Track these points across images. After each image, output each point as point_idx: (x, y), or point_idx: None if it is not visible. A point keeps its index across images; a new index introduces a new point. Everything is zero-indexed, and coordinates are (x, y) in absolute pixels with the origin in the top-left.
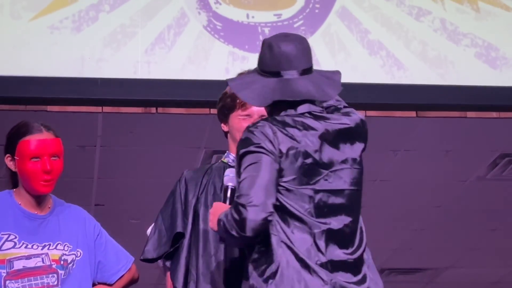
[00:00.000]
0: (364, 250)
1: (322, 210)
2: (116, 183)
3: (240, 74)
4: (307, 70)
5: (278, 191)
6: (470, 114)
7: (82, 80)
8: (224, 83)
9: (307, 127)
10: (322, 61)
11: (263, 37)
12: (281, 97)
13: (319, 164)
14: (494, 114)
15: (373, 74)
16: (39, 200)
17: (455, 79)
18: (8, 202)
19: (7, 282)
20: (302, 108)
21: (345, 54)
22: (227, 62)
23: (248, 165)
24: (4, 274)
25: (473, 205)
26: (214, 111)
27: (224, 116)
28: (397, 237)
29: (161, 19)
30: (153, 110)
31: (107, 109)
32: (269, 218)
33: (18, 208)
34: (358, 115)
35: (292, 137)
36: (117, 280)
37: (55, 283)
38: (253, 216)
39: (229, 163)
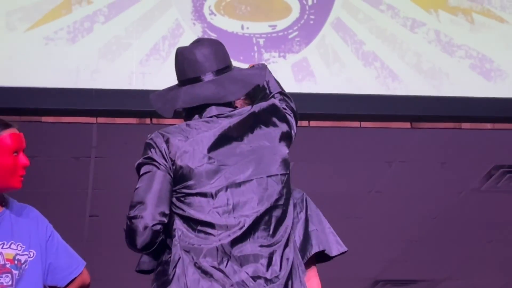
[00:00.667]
0: (284, 243)
1: (226, 207)
2: (111, 195)
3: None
4: (220, 71)
5: (178, 198)
6: (465, 125)
7: (77, 91)
8: None
9: (205, 130)
10: (316, 72)
11: (258, 48)
12: (181, 105)
13: (216, 163)
14: (488, 126)
15: (367, 85)
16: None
17: (449, 90)
18: None
19: None
20: (208, 112)
21: (340, 65)
22: None
23: (139, 177)
24: None
25: (468, 216)
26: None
27: None
28: (392, 248)
29: (156, 30)
30: (148, 121)
31: (101, 120)
32: (156, 228)
33: None
34: (269, 101)
35: (186, 143)
36: (67, 284)
37: (10, 283)
38: (139, 228)
39: None
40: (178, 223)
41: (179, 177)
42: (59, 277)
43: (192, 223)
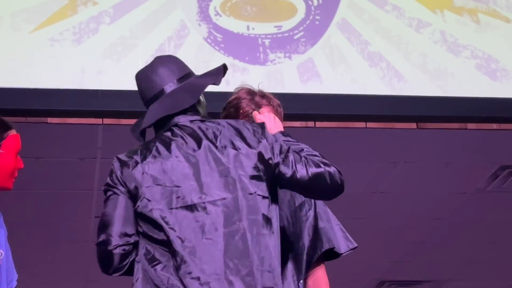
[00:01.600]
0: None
1: (180, 227)
2: None
3: None
4: (181, 79)
5: (142, 218)
6: (471, 125)
7: (83, 92)
8: (226, 95)
9: (161, 150)
10: (322, 72)
11: (264, 48)
12: (143, 126)
13: (169, 184)
14: (494, 126)
15: (373, 85)
16: None
17: (455, 90)
18: None
19: None
20: (167, 125)
21: (345, 65)
22: (228, 74)
23: (103, 203)
24: None
25: (473, 217)
26: None
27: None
28: (397, 249)
29: (161, 31)
30: None
31: (107, 121)
32: (117, 251)
33: None
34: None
35: (143, 164)
36: None
37: None
38: (102, 253)
39: None
40: (143, 243)
41: (136, 198)
42: (8, 280)
43: (153, 242)
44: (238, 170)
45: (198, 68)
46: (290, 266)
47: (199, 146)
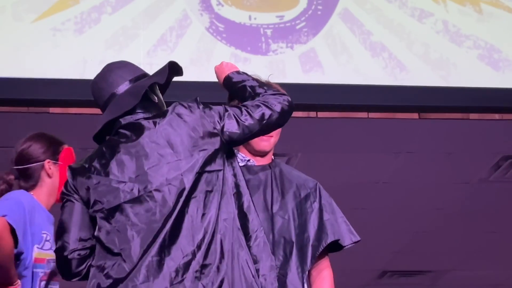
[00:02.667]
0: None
1: (132, 222)
2: None
3: None
4: (134, 80)
5: (94, 221)
6: (473, 116)
7: (84, 82)
8: None
9: (107, 152)
10: (324, 62)
11: (266, 38)
12: (94, 134)
13: (115, 182)
14: (496, 116)
15: (375, 75)
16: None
17: (457, 80)
18: (35, 203)
19: (42, 282)
20: (114, 129)
21: (348, 55)
22: None
23: (60, 210)
24: (42, 274)
25: (475, 207)
26: None
27: None
28: (399, 239)
29: (163, 21)
30: None
31: None
32: (73, 256)
33: (44, 210)
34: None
35: (91, 169)
36: None
37: None
38: (59, 259)
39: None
40: (97, 248)
41: (88, 204)
42: None
43: (102, 247)
44: (181, 152)
45: (201, 57)
46: (294, 258)
47: (141, 141)
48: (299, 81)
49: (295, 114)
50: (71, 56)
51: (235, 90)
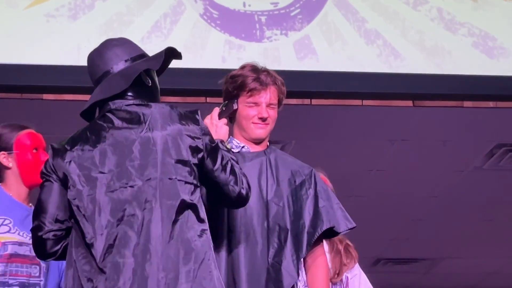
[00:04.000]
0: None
1: (105, 213)
2: None
3: None
4: (132, 59)
5: (71, 206)
6: (467, 103)
7: (78, 68)
8: (222, 72)
9: (90, 137)
10: (318, 49)
11: (260, 25)
12: (82, 110)
13: (95, 170)
14: (491, 104)
15: (370, 63)
16: (29, 192)
17: (452, 68)
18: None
19: None
20: (102, 111)
21: (342, 43)
22: (224, 51)
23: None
24: None
25: (470, 195)
26: (210, 99)
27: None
28: (394, 227)
29: (157, 7)
30: None
31: None
32: (49, 236)
33: (9, 198)
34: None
35: (72, 151)
36: None
37: (37, 274)
38: (35, 239)
39: (232, 149)
40: (73, 234)
41: (68, 188)
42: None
43: (80, 233)
44: (164, 155)
45: (195, 44)
46: (289, 244)
47: (127, 131)
48: (293, 68)
49: (290, 101)
50: (65, 43)
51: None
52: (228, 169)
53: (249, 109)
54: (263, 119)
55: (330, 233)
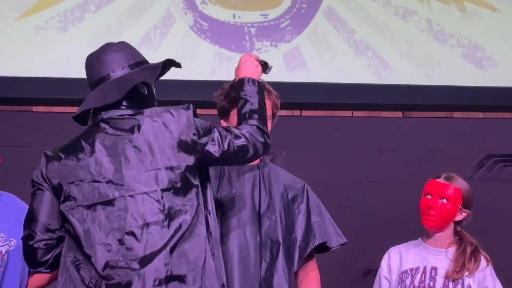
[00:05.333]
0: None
1: (99, 224)
2: None
3: None
4: (133, 66)
5: (64, 215)
6: (457, 114)
7: (68, 80)
8: (212, 83)
9: (84, 146)
10: (308, 61)
11: (250, 37)
12: (74, 116)
13: (90, 180)
14: (480, 115)
15: (359, 74)
16: None
17: (441, 79)
18: None
19: None
20: (95, 119)
21: (332, 54)
22: (214, 63)
23: (31, 198)
24: None
25: None
26: (200, 111)
27: (224, 112)
28: (384, 238)
29: (147, 19)
30: None
31: None
32: (39, 246)
33: None
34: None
35: (66, 160)
36: None
37: None
38: (25, 248)
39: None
40: (67, 240)
41: (60, 196)
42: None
43: (73, 240)
44: (158, 163)
45: (184, 56)
46: (281, 258)
47: (121, 140)
48: (283, 80)
49: (280, 112)
50: (54, 55)
51: (238, 94)
52: (232, 147)
53: None
54: None
55: (322, 248)
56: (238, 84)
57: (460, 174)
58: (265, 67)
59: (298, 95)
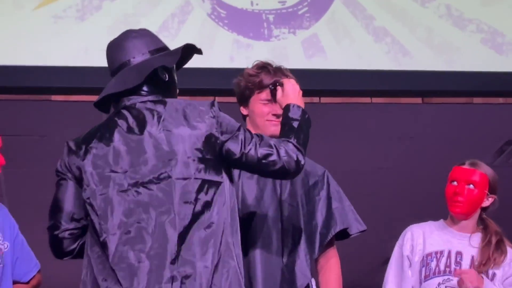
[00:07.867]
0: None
1: (116, 213)
2: None
3: None
4: (154, 52)
5: (85, 204)
6: (477, 100)
7: (86, 69)
8: (230, 71)
9: (105, 135)
10: (327, 47)
11: (268, 24)
12: (95, 102)
13: (108, 169)
14: (500, 100)
15: (378, 61)
16: None
17: (460, 65)
18: None
19: None
20: (117, 107)
21: (350, 41)
22: (232, 50)
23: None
24: None
25: None
26: (219, 99)
27: (244, 99)
28: (404, 226)
29: (165, 8)
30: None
31: None
32: (65, 235)
33: None
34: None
35: (88, 149)
36: (30, 279)
37: None
38: (51, 238)
39: None
40: (89, 234)
41: (83, 186)
42: (23, 272)
43: (94, 232)
44: (178, 154)
45: (202, 44)
46: (303, 245)
47: (141, 130)
48: (301, 67)
49: None
50: (72, 44)
51: (283, 118)
52: (254, 152)
53: (264, 106)
54: (277, 116)
55: (342, 235)
56: (284, 110)
57: (481, 161)
58: None
59: (316, 82)
